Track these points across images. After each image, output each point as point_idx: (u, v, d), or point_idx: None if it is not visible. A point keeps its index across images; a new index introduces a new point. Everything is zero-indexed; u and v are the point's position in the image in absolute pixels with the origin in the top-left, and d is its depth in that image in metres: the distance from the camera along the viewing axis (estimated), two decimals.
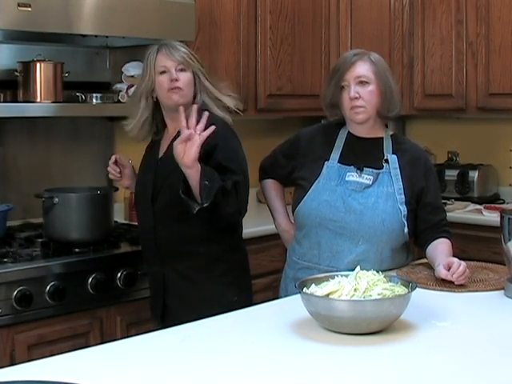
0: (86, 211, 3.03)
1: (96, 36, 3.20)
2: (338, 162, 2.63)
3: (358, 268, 2.05)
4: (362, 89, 2.58)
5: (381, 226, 2.53)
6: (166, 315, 2.68)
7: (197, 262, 2.65)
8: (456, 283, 2.37)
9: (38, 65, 3.17)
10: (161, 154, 2.73)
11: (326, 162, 2.64)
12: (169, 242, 2.66)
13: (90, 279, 2.92)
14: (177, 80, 2.63)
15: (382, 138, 2.66)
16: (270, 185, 2.90)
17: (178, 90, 2.63)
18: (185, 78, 2.65)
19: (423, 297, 2.23)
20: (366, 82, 2.58)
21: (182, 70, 2.65)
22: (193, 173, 2.45)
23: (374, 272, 2.05)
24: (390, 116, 2.63)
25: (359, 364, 1.77)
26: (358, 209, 2.54)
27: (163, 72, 2.65)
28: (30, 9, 2.88)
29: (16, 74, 3.17)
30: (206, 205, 2.45)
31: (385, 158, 2.61)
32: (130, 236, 3.22)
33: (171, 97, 2.65)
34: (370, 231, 2.54)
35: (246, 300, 2.66)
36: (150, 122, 2.76)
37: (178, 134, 2.57)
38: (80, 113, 3.33)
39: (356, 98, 2.58)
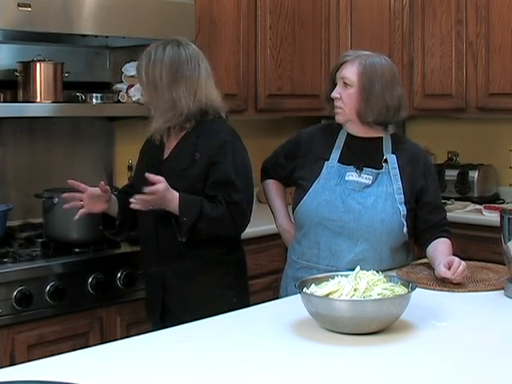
0: None
1: (96, 36, 3.20)
2: (338, 161, 2.63)
3: (357, 268, 2.05)
4: (344, 90, 2.60)
5: (380, 226, 2.53)
6: (165, 316, 2.68)
7: (197, 263, 2.65)
8: (454, 282, 2.38)
9: (37, 65, 3.17)
10: (165, 155, 2.72)
11: (326, 162, 2.64)
12: (170, 244, 2.65)
13: (90, 279, 2.92)
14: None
15: (382, 138, 2.66)
16: (272, 185, 2.91)
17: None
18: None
19: (423, 297, 2.24)
20: (349, 85, 2.59)
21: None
22: (171, 209, 2.56)
23: (374, 272, 2.05)
24: (368, 121, 2.61)
25: (359, 364, 1.77)
26: (357, 208, 2.55)
27: None
28: (29, 9, 2.88)
29: (16, 74, 3.16)
30: (184, 240, 2.56)
31: (384, 157, 2.62)
32: (129, 236, 3.22)
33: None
34: (368, 231, 2.54)
35: (244, 301, 2.67)
36: None
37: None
38: (80, 113, 3.33)
39: (337, 98, 2.61)
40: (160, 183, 2.49)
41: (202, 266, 2.65)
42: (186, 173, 2.62)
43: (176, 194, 2.55)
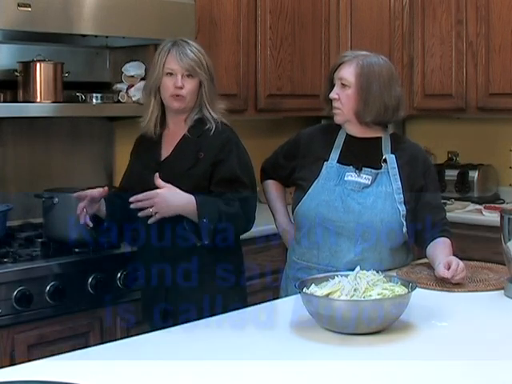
0: None
1: (96, 36, 3.19)
2: (337, 162, 2.63)
3: (357, 268, 2.05)
4: (342, 91, 2.60)
5: (379, 226, 2.53)
6: (167, 316, 2.68)
7: (199, 263, 2.65)
8: (453, 282, 2.38)
9: (37, 65, 3.16)
10: (163, 155, 2.71)
11: (325, 163, 2.64)
12: (173, 245, 2.65)
13: (90, 279, 2.92)
14: (181, 88, 2.62)
15: (381, 138, 2.66)
16: (271, 185, 2.91)
17: (181, 97, 2.63)
18: (190, 85, 2.63)
19: (423, 297, 2.24)
20: (347, 85, 2.59)
21: (188, 76, 2.63)
22: (186, 213, 2.55)
23: (374, 272, 2.06)
24: (367, 121, 2.61)
25: (359, 364, 1.77)
26: (356, 208, 2.54)
27: (169, 74, 2.64)
28: (29, 9, 2.88)
29: (16, 74, 3.16)
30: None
31: (383, 157, 2.61)
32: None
33: (173, 103, 2.65)
34: (368, 231, 2.54)
35: (244, 301, 2.68)
36: (161, 118, 2.73)
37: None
38: (80, 113, 3.33)
39: (335, 99, 2.61)
40: (161, 188, 2.52)
41: (204, 265, 2.65)
42: (190, 172, 2.62)
43: (189, 197, 2.54)
